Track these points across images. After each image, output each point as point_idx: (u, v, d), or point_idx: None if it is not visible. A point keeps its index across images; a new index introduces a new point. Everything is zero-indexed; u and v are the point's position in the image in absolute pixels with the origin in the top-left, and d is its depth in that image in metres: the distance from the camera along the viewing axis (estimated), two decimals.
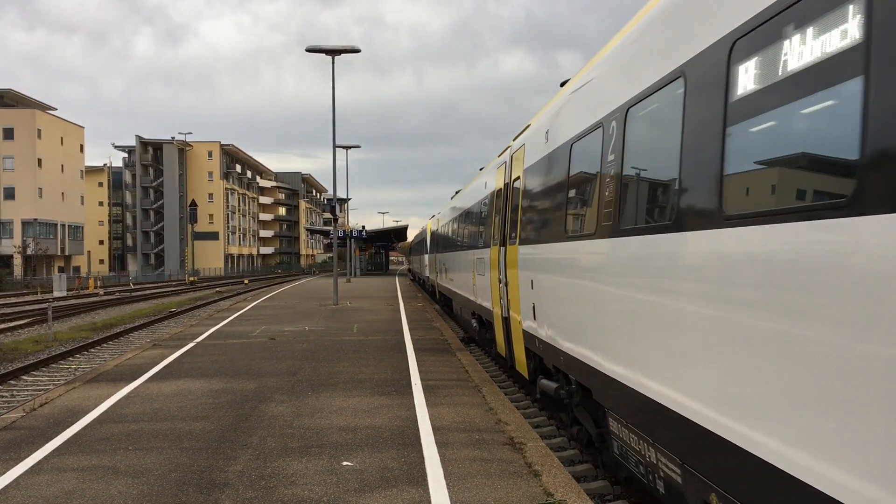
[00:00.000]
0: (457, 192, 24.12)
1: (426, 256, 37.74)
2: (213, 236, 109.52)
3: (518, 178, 10.38)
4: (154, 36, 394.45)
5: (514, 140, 11.39)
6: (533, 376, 9.77)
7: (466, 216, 17.81)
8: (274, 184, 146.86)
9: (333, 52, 26.35)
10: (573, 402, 7.75)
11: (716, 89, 4.09)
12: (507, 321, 11.19)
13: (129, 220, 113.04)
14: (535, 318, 8.88)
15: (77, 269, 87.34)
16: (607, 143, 6.00)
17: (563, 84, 8.77)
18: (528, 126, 10.20)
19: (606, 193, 5.95)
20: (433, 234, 32.31)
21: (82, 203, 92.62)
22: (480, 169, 17.74)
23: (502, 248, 11.26)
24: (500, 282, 11.46)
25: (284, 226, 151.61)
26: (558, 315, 7.72)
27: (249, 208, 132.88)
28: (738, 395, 3.82)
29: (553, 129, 8.28)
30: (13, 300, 42.83)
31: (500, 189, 12.08)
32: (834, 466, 3.00)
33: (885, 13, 2.77)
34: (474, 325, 15.68)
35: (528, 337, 9.41)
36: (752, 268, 3.65)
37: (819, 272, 3.10)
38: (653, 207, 5.16)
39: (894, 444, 2.67)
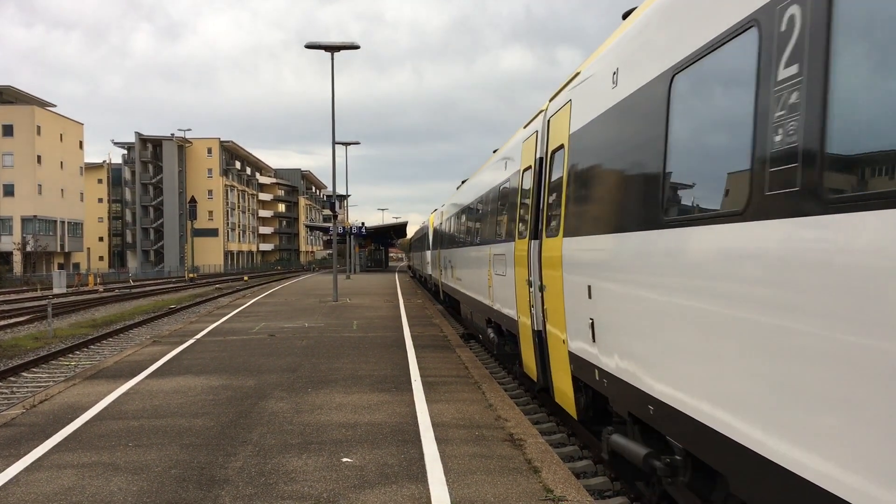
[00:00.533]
0: (463, 182, 21.95)
1: (428, 253, 35.24)
2: (213, 233, 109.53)
3: (560, 147, 7.78)
4: (153, 33, 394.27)
5: (550, 101, 8.84)
6: (584, 415, 7.50)
7: (479, 206, 15.22)
8: (273, 180, 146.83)
9: (333, 49, 26.31)
10: (677, 481, 5.09)
11: None
12: (540, 336, 8.81)
13: (128, 217, 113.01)
14: (594, 340, 6.40)
15: (77, 265, 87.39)
16: (777, 49, 3.50)
17: (626, 15, 6.43)
18: (576, 75, 7.46)
19: (777, 137, 3.45)
20: (436, 228, 30.05)
21: (82, 200, 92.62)
22: (494, 151, 15.30)
23: (534, 242, 8.82)
24: (530, 285, 9.04)
25: (284, 222, 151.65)
26: (646, 342, 5.17)
27: (249, 205, 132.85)
28: None
29: (630, 65, 5.68)
30: (13, 297, 42.83)
31: (530, 167, 9.53)
32: None
33: None
34: (491, 335, 12.82)
35: (580, 364, 6.94)
36: None
37: None
38: None
39: None
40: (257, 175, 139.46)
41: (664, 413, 4.83)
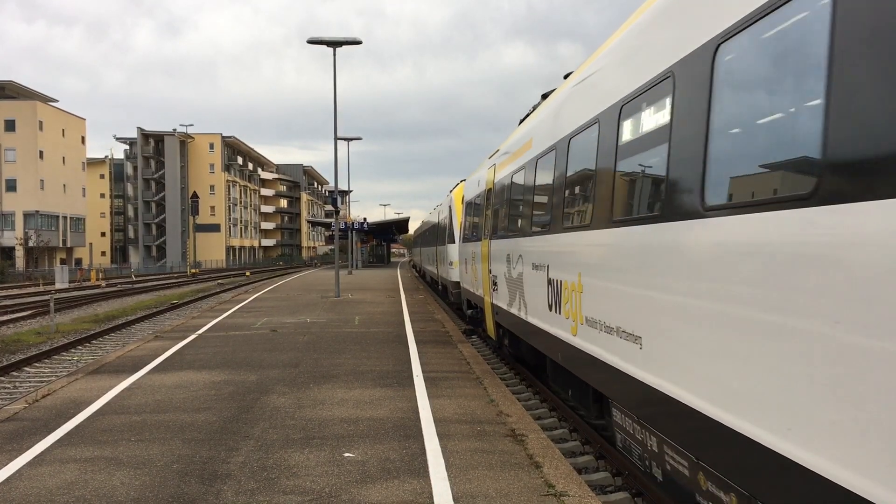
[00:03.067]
0: (565, 79, 9.08)
1: (451, 249, 22.63)
2: (215, 228, 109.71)
3: None
4: (154, 28, 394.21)
5: None
6: None
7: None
8: (275, 176, 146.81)
9: (335, 44, 26.25)
10: None
11: None
12: None
13: (130, 212, 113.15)
14: None
15: (79, 261, 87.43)
16: None
17: None
18: None
19: None
20: (480, 202, 15.28)
21: (84, 195, 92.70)
22: None
23: None
24: None
25: (286, 218, 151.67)
26: None
27: (251, 200, 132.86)
28: None
29: None
30: (15, 292, 42.92)
31: None
32: None
33: None
34: None
35: None
36: None
37: None
38: None
39: None
40: (259, 171, 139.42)
41: None
